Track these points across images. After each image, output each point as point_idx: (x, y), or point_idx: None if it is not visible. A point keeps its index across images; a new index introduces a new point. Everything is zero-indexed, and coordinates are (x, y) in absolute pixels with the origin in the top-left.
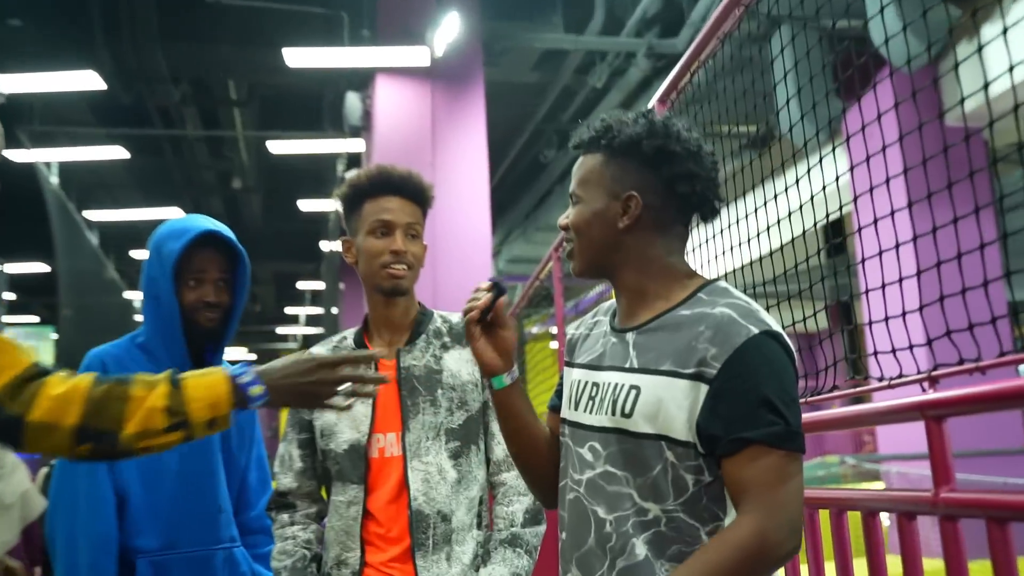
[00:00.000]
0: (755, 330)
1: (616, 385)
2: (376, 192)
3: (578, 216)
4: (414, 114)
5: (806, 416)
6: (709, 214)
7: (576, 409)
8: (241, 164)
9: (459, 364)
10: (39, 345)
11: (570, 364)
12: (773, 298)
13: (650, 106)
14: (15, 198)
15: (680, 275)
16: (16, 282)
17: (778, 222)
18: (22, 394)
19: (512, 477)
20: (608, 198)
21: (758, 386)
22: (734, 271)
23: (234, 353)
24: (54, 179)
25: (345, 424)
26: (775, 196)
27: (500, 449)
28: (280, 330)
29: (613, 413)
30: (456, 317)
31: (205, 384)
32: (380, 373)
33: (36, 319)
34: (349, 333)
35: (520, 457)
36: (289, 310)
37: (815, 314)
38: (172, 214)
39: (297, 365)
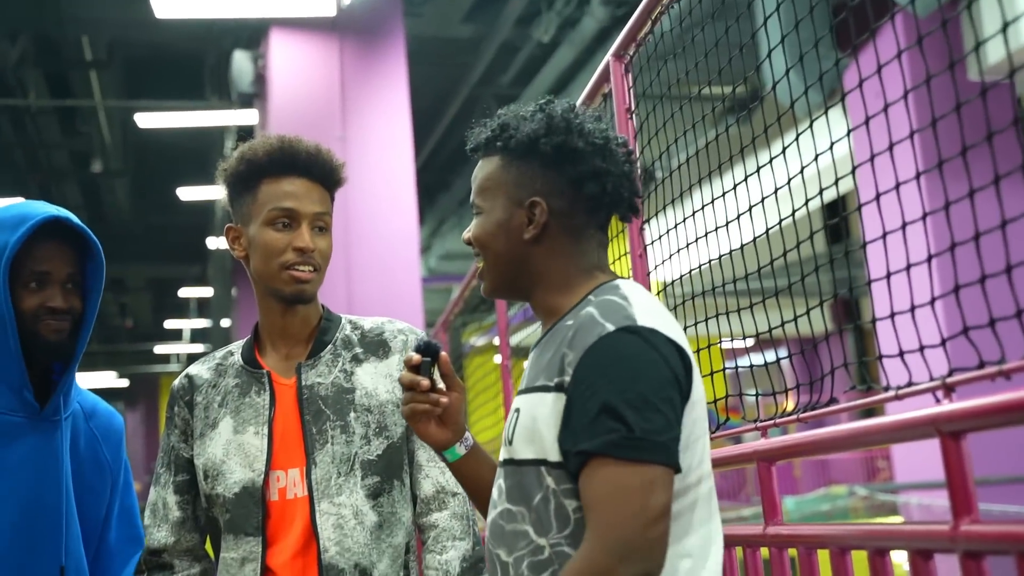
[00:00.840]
0: (610, 327)
1: (512, 412)
2: (277, 171)
3: (480, 229)
4: (318, 77)
5: (797, 437)
6: (627, 213)
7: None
8: (102, 142)
9: (375, 380)
10: None
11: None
12: (758, 295)
13: (604, 64)
14: None
15: (584, 281)
16: None
17: (762, 201)
18: None
19: (445, 518)
20: (511, 206)
21: (600, 390)
22: (710, 263)
23: (103, 378)
24: None
25: (235, 461)
26: (757, 170)
27: (429, 484)
28: (159, 349)
29: (505, 443)
30: (370, 322)
31: None
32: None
33: None
34: (236, 347)
35: None
36: (170, 324)
37: (808, 312)
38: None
39: None
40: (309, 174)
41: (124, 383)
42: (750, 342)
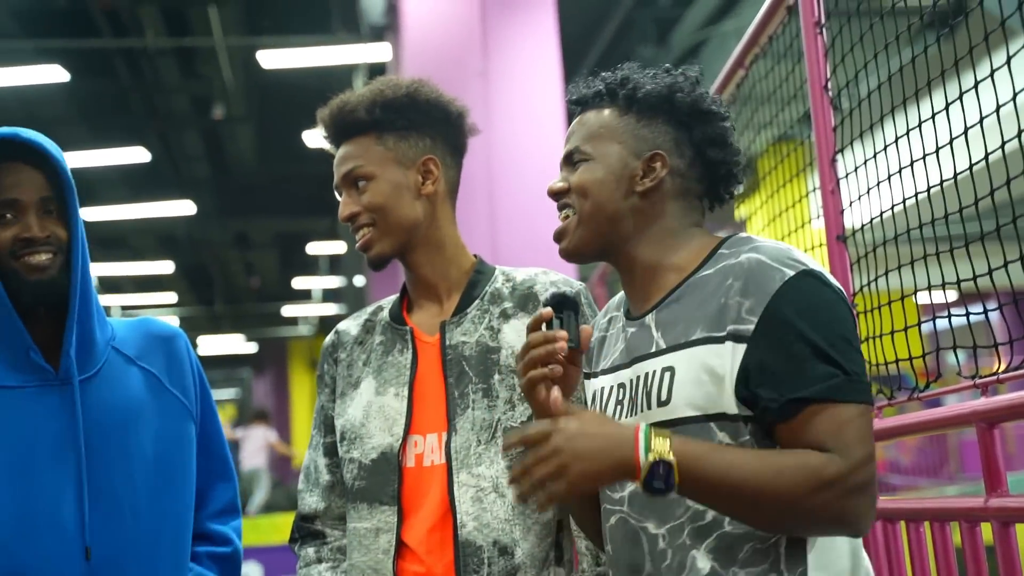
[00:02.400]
0: (789, 272)
1: (646, 375)
2: (333, 142)
3: (587, 176)
4: (457, 5)
5: (990, 402)
6: (725, 194)
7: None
8: (223, 85)
9: (523, 338)
10: None
11: (588, 375)
12: (960, 240)
13: None
14: None
15: (700, 243)
16: None
17: (965, 133)
18: None
19: None
20: (627, 156)
21: (804, 335)
22: (904, 202)
23: (230, 342)
24: None
25: (375, 425)
26: (960, 97)
27: None
28: (287, 311)
29: (648, 407)
30: (522, 274)
31: None
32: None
33: None
34: (388, 302)
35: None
36: (298, 283)
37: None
38: (133, 156)
39: None
40: (346, 135)
41: (252, 348)
42: (952, 295)
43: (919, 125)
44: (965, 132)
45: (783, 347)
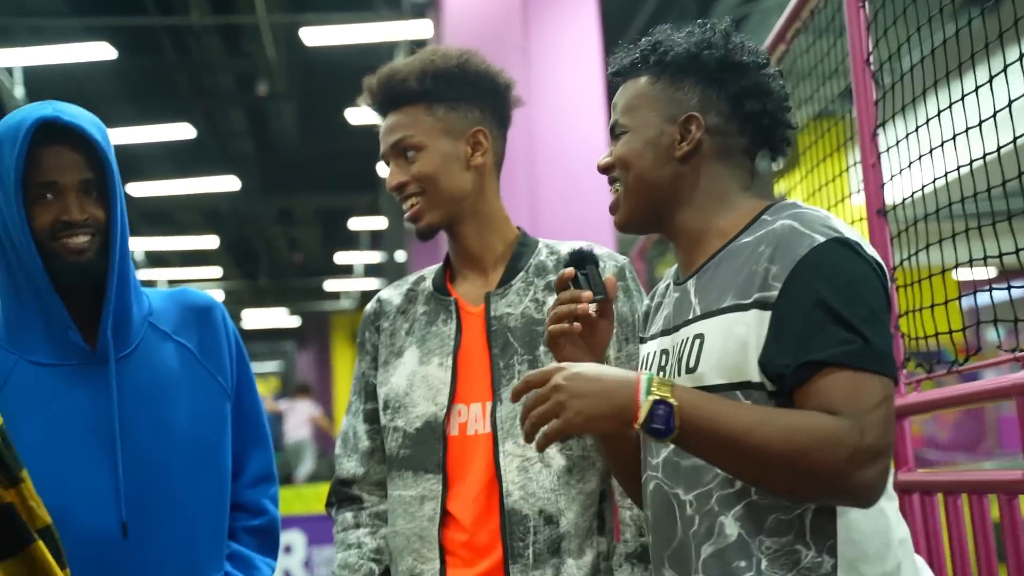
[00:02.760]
0: (820, 238)
1: (682, 341)
2: (380, 110)
3: (626, 147)
4: None
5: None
6: (779, 145)
7: None
8: (267, 62)
9: None
10: None
11: (643, 339)
12: (1002, 215)
13: None
14: None
15: (741, 203)
16: None
17: (1009, 105)
18: None
19: None
20: (663, 123)
21: (825, 300)
22: (945, 176)
23: (273, 316)
24: (18, 90)
25: (419, 394)
26: (1004, 69)
27: None
28: (329, 285)
29: (678, 374)
30: (567, 247)
31: None
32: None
33: None
34: (430, 272)
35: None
36: (340, 258)
37: None
38: (179, 133)
39: None
40: (385, 105)
41: (295, 321)
42: (992, 270)
43: (962, 99)
44: (1009, 105)
45: (801, 312)
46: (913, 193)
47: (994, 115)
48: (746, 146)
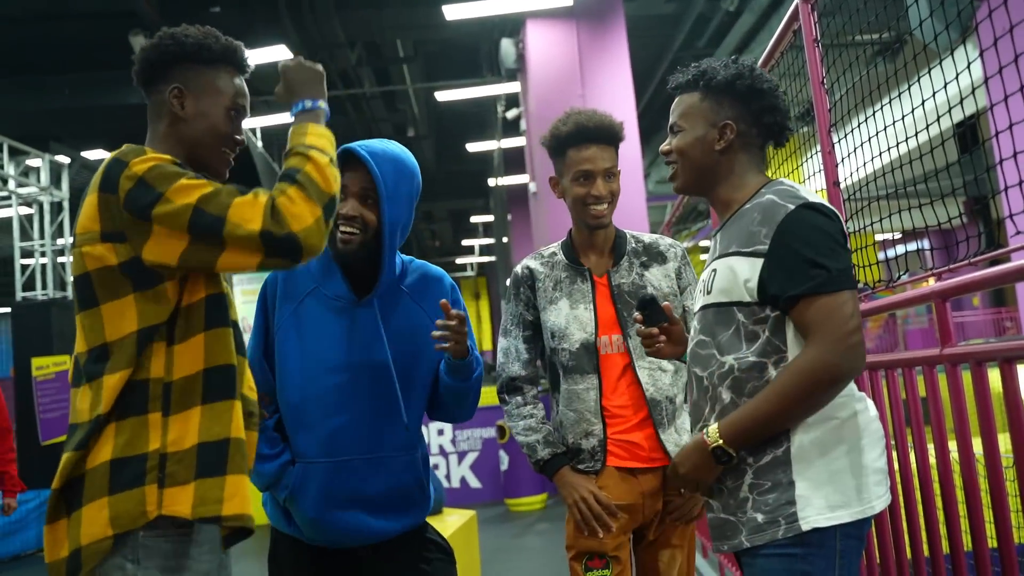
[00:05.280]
0: (791, 206)
1: (709, 272)
2: (576, 142)
3: (682, 141)
4: (562, 53)
5: (965, 277)
6: (783, 140)
7: (692, 303)
8: (413, 114)
9: (659, 279)
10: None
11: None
12: (919, 196)
13: (792, 7)
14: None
15: (754, 184)
16: None
17: (912, 112)
18: (279, 219)
19: None
20: (707, 126)
21: (799, 249)
22: (872, 160)
23: None
24: (259, 144)
25: (574, 327)
26: (901, 93)
27: None
28: (458, 260)
29: (703, 294)
30: (647, 238)
31: (316, 132)
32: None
33: None
34: (556, 247)
35: None
36: (465, 242)
37: (941, 198)
38: None
39: (300, 74)
40: (598, 140)
41: None
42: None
43: (880, 109)
44: (912, 112)
45: (783, 260)
46: (853, 171)
47: (902, 118)
48: (762, 143)
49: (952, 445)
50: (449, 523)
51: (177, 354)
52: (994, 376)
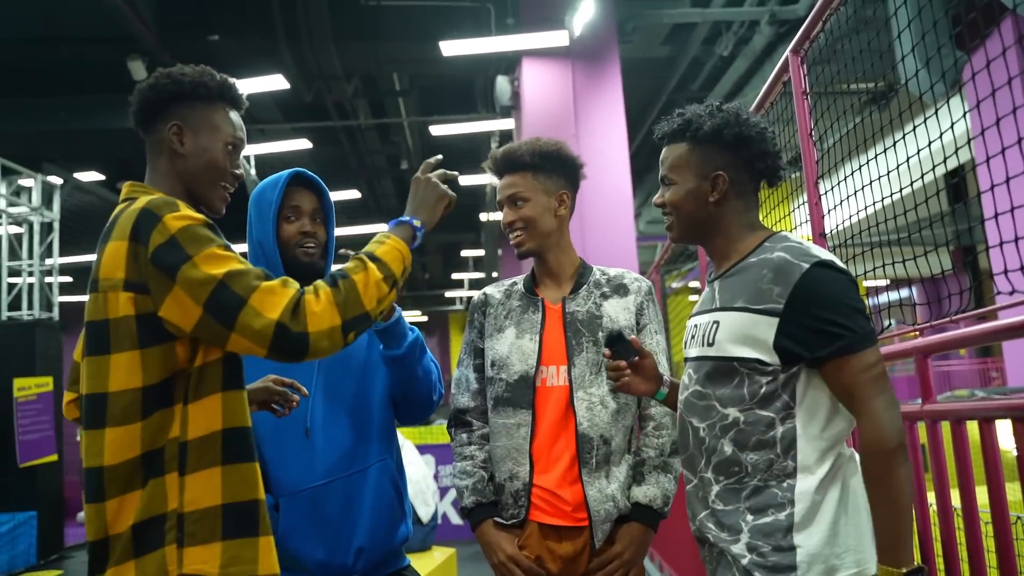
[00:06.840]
0: (806, 265)
1: (706, 322)
2: (497, 175)
3: (674, 195)
4: (557, 92)
5: (948, 334)
6: (776, 180)
7: (684, 349)
8: (407, 147)
9: (617, 311)
10: None
11: (692, 315)
12: (908, 245)
13: (783, 59)
14: None
15: (752, 231)
16: None
17: (897, 168)
18: (298, 316)
19: (660, 413)
20: (698, 178)
21: (821, 311)
22: (860, 212)
23: (410, 315)
24: (252, 171)
25: (515, 357)
26: (893, 145)
27: None
28: (448, 294)
29: (703, 345)
30: (613, 271)
31: (391, 246)
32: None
33: None
34: (519, 279)
35: None
36: (455, 276)
37: (936, 249)
38: (350, 196)
39: (425, 192)
40: (506, 170)
41: (425, 318)
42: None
43: (867, 163)
44: (897, 168)
45: (805, 322)
46: (839, 223)
47: (888, 174)
48: (755, 187)
49: (931, 497)
50: (430, 559)
51: (192, 413)
52: (973, 429)
